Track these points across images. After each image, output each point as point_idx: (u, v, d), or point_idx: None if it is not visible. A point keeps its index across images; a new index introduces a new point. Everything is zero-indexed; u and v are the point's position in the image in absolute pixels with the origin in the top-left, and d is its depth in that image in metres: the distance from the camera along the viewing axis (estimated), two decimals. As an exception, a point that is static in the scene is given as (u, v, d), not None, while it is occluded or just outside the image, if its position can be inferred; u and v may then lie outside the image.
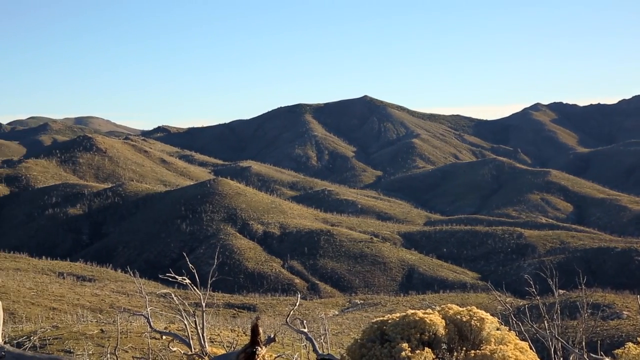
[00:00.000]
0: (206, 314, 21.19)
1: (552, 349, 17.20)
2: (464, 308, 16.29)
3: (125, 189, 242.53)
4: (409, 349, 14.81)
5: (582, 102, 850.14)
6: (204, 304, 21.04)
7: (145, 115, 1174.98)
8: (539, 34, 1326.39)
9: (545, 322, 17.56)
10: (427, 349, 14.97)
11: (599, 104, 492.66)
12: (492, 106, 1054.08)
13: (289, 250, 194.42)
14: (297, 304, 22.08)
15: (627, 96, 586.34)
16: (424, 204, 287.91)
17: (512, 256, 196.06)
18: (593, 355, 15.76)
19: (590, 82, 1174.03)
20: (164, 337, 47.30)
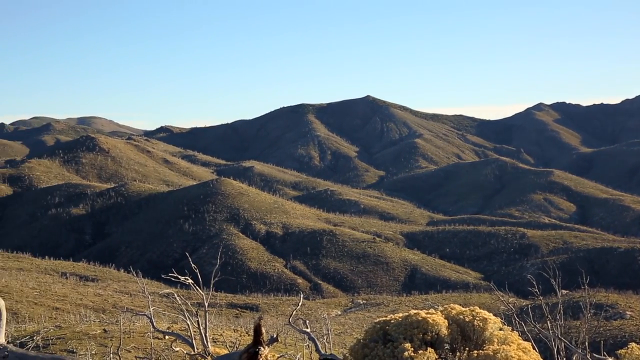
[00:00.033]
0: (209, 314, 21.19)
1: (555, 349, 17.18)
2: (466, 308, 16.26)
3: (128, 189, 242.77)
4: (412, 349, 14.80)
5: (585, 102, 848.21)
6: (206, 304, 21.03)
7: (148, 115, 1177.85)
8: (542, 33, 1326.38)
9: (548, 322, 17.54)
10: (429, 349, 14.95)
11: (602, 104, 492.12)
12: (495, 106, 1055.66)
13: (291, 250, 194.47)
14: (299, 304, 22.08)
15: (630, 96, 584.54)
16: (427, 204, 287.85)
17: (514, 256, 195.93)
18: (596, 356, 15.74)
19: (594, 81, 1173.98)
20: (166, 337, 47.33)
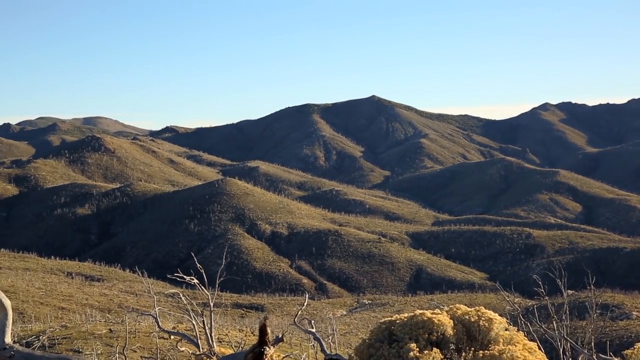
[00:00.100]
0: (214, 314, 21.20)
1: (561, 350, 17.15)
2: (472, 308, 16.25)
3: (134, 189, 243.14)
4: (417, 349, 14.79)
5: (591, 101, 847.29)
6: (212, 304, 21.04)
7: (154, 115, 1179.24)
8: (547, 33, 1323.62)
9: (554, 322, 17.49)
10: (435, 349, 14.95)
11: (608, 104, 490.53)
12: (501, 106, 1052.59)
13: (296, 250, 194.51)
14: (305, 304, 22.07)
15: (636, 96, 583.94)
16: (432, 204, 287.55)
17: (520, 256, 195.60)
18: (602, 356, 15.70)
19: (599, 81, 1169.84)
20: (172, 336, 47.38)
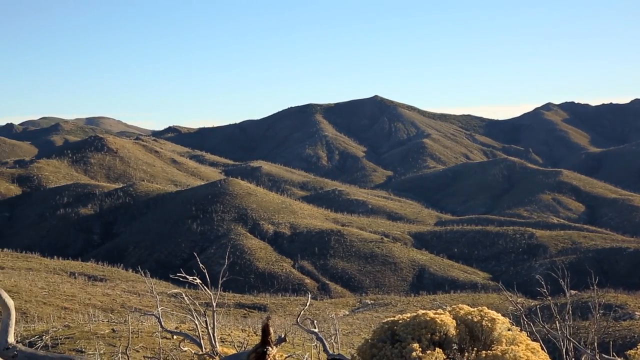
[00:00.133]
0: (217, 314, 21.19)
1: (564, 350, 17.12)
2: (475, 308, 16.23)
3: (136, 189, 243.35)
4: (420, 349, 14.78)
5: (594, 101, 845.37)
6: (214, 304, 21.04)
7: (156, 115, 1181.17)
8: (550, 33, 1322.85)
9: (557, 322, 17.47)
10: (438, 349, 14.94)
11: (611, 104, 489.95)
12: (504, 106, 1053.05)
13: (299, 250, 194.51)
14: (307, 304, 22.07)
15: (639, 96, 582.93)
16: (435, 204, 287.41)
17: (523, 256, 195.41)
18: (605, 356, 15.67)
19: (603, 81, 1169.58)
20: (175, 336, 47.43)
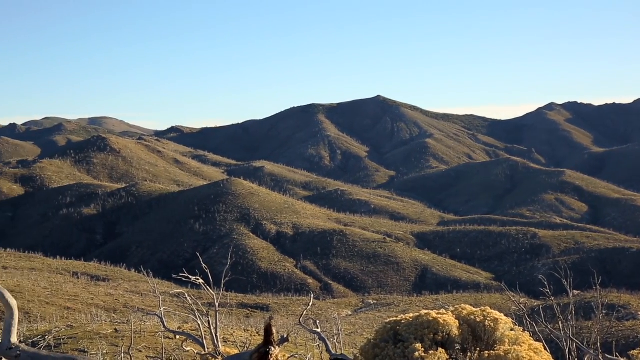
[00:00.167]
0: (219, 314, 21.19)
1: (567, 350, 17.09)
2: (477, 308, 16.21)
3: (139, 189, 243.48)
4: (423, 349, 14.77)
5: (597, 101, 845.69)
6: (217, 304, 21.03)
7: (159, 115, 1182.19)
8: (553, 33, 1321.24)
9: (560, 322, 17.44)
10: (440, 349, 14.93)
11: (614, 104, 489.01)
12: (506, 106, 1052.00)
13: (302, 250, 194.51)
14: (310, 304, 22.05)
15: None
16: (438, 204, 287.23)
17: (526, 256, 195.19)
18: (608, 356, 15.65)
19: (605, 81, 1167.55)
20: (177, 336, 47.41)
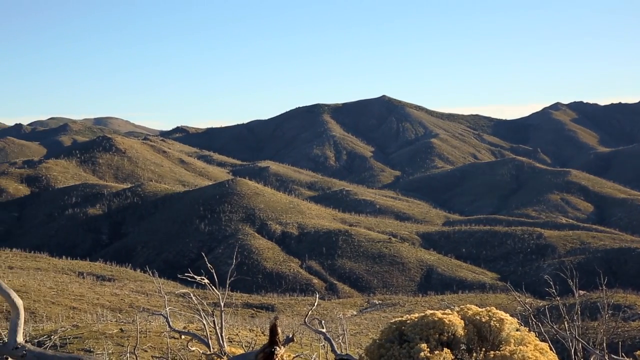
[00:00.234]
0: (225, 314, 21.21)
1: (573, 350, 17.06)
2: (483, 309, 16.19)
3: (144, 189, 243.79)
4: (428, 349, 14.76)
5: (602, 101, 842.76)
6: (222, 304, 21.05)
7: (164, 115, 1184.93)
8: (559, 33, 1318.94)
9: (566, 323, 17.40)
10: (446, 349, 14.91)
11: (619, 103, 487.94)
12: (512, 106, 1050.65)
13: (307, 250, 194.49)
14: (315, 304, 22.07)
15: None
16: (443, 204, 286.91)
17: (531, 257, 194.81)
18: (614, 357, 15.61)
19: (611, 81, 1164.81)
20: (183, 336, 47.51)
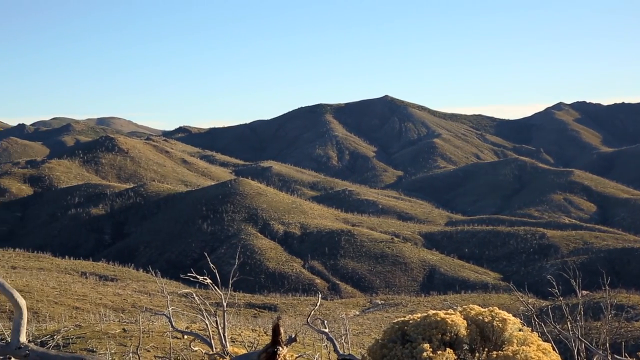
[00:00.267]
0: (227, 314, 21.22)
1: (576, 351, 17.03)
2: (485, 309, 16.17)
3: (147, 189, 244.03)
4: (431, 349, 14.75)
5: (605, 101, 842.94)
6: (225, 304, 21.05)
7: (167, 115, 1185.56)
8: (562, 33, 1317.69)
9: (569, 323, 17.37)
10: (448, 349, 14.90)
11: (622, 103, 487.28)
12: (514, 106, 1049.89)
13: (309, 251, 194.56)
14: (317, 304, 22.05)
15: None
16: (445, 204, 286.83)
17: (534, 257, 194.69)
18: (617, 357, 15.58)
19: (614, 81, 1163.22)
20: (185, 336, 47.44)
